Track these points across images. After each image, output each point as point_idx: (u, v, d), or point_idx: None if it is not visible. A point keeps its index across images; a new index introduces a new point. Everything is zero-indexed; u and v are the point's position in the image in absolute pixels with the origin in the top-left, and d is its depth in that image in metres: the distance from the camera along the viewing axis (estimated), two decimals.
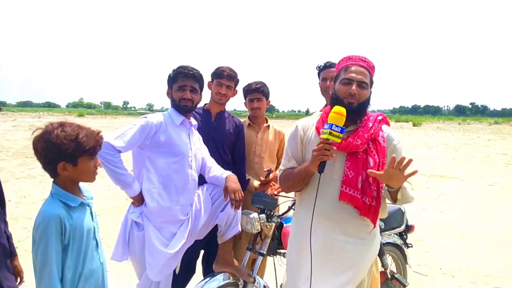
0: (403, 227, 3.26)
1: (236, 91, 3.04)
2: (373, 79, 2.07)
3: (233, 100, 3.05)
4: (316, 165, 1.88)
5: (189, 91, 2.47)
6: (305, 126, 2.16)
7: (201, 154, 2.60)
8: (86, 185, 1.85)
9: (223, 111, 3.02)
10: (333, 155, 1.86)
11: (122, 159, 2.26)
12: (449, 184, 9.21)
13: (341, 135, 1.84)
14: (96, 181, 1.86)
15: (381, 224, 3.03)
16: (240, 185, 2.40)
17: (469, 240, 5.38)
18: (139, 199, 2.37)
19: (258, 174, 3.10)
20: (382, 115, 2.11)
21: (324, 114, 2.07)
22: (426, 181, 9.45)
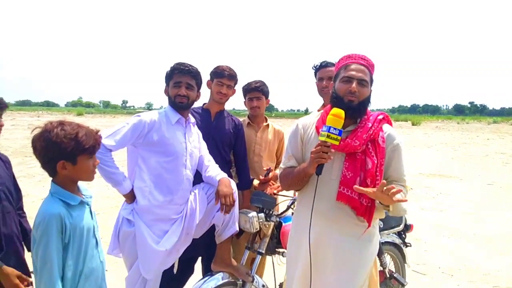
0: (401, 226, 3.27)
1: (235, 90, 3.04)
2: (373, 77, 2.07)
3: (232, 99, 3.05)
4: (314, 167, 1.88)
5: (184, 88, 2.44)
6: (305, 125, 2.16)
7: (198, 153, 2.58)
8: (85, 184, 1.86)
9: (222, 110, 3.02)
10: (331, 157, 1.86)
11: (120, 156, 2.26)
12: (448, 183, 9.22)
13: (339, 137, 1.83)
14: (95, 180, 1.86)
15: (380, 223, 3.03)
16: (245, 185, 2.37)
17: (468, 239, 5.39)
18: (131, 196, 2.37)
19: (257, 173, 3.10)
20: (383, 114, 2.09)
21: (324, 114, 2.07)
22: (425, 180, 9.46)
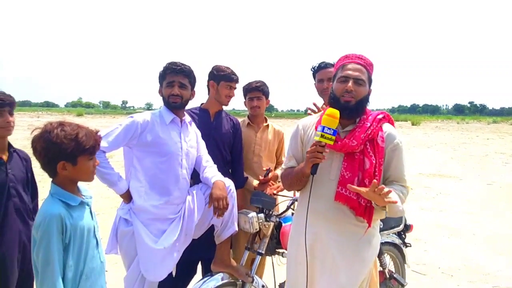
0: (401, 227, 3.27)
1: None
2: (371, 77, 2.05)
3: (232, 99, 3.05)
4: (309, 167, 1.90)
5: (177, 87, 2.43)
6: (305, 126, 2.17)
7: (195, 152, 2.57)
8: (85, 185, 1.86)
9: (221, 110, 3.02)
10: (325, 157, 1.88)
11: (120, 157, 2.26)
12: (448, 183, 9.23)
13: (333, 137, 1.85)
14: (95, 181, 1.86)
15: (380, 224, 3.03)
16: (239, 185, 2.37)
17: (468, 239, 5.40)
18: (127, 196, 2.38)
19: (257, 173, 3.10)
20: (383, 114, 2.08)
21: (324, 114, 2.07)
22: (425, 180, 9.47)
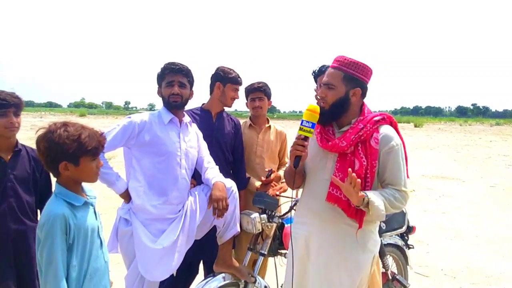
0: (404, 228, 3.26)
1: None
2: (353, 75, 1.97)
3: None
4: (292, 160, 1.95)
5: (177, 86, 2.43)
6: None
7: (196, 152, 2.57)
8: (88, 185, 1.86)
9: (222, 111, 3.03)
10: (306, 150, 1.94)
11: (121, 157, 2.26)
12: (451, 186, 9.20)
13: (311, 130, 1.92)
14: (98, 181, 1.87)
15: (382, 225, 3.03)
16: (241, 186, 2.38)
17: (470, 241, 5.38)
18: (126, 196, 2.39)
19: (259, 174, 3.10)
20: (383, 115, 2.05)
21: None
22: (427, 182, 9.45)
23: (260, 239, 2.67)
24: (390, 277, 3.09)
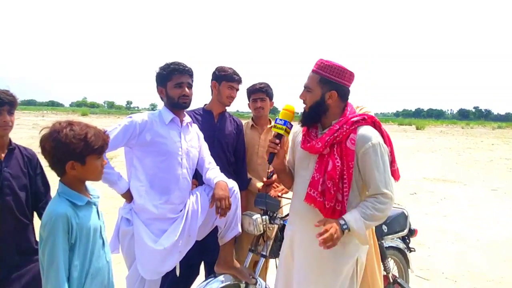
0: (406, 231, 3.25)
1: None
2: (329, 77, 1.99)
3: (237, 101, 3.06)
4: (267, 157, 2.10)
5: (186, 87, 2.44)
6: (297, 131, 2.25)
7: (197, 152, 2.57)
8: (92, 184, 1.86)
9: (224, 111, 3.03)
10: (278, 148, 2.05)
11: (122, 157, 2.26)
12: (452, 188, 9.19)
13: (283, 127, 2.05)
14: (99, 181, 1.87)
15: (384, 227, 3.02)
16: (243, 186, 2.38)
17: (472, 244, 5.37)
18: (128, 196, 2.39)
19: (261, 175, 3.10)
20: (363, 116, 2.02)
21: None
22: (429, 185, 9.44)
23: (261, 240, 2.67)
24: (392, 280, 3.08)
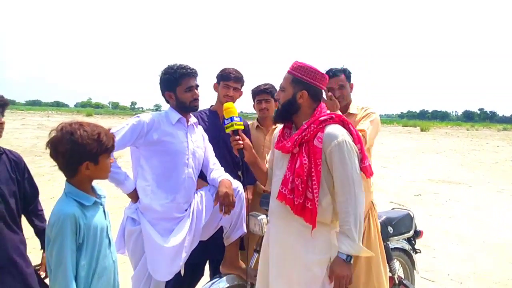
0: (411, 233, 3.24)
1: (242, 92, 3.05)
2: (300, 78, 2.05)
3: (240, 102, 3.06)
4: (237, 155, 2.21)
5: (196, 90, 2.48)
6: (276, 133, 2.28)
7: (202, 153, 2.58)
8: (98, 184, 1.87)
9: None
10: (241, 142, 2.17)
11: (127, 157, 2.27)
12: (457, 190, 9.14)
13: (231, 123, 2.18)
14: (104, 181, 1.88)
15: (390, 229, 3.02)
16: (250, 181, 2.38)
17: (477, 246, 5.35)
18: (134, 196, 2.40)
19: None
20: (330, 115, 2.05)
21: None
22: (434, 187, 9.40)
23: None
24: (397, 282, 3.07)
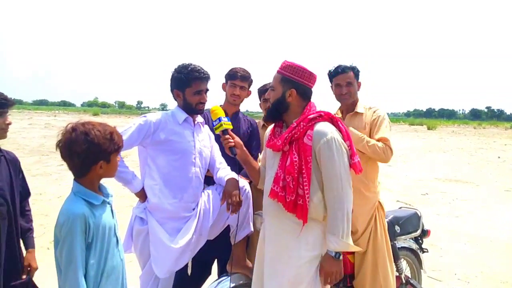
0: (419, 232, 3.23)
1: (250, 92, 3.05)
2: (289, 77, 2.09)
3: (246, 100, 3.06)
4: (229, 153, 2.25)
5: (204, 94, 2.48)
6: (268, 131, 2.31)
7: (209, 152, 2.59)
8: (105, 183, 1.88)
9: (237, 112, 3.04)
10: (230, 141, 2.22)
11: (134, 156, 2.28)
12: (464, 189, 9.08)
13: (219, 123, 2.24)
14: (111, 180, 1.89)
15: (397, 228, 3.01)
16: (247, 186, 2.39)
17: (484, 245, 5.31)
18: (142, 195, 2.41)
19: None
20: (320, 113, 2.06)
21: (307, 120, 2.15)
22: (441, 186, 9.34)
23: None
24: (404, 281, 3.06)
